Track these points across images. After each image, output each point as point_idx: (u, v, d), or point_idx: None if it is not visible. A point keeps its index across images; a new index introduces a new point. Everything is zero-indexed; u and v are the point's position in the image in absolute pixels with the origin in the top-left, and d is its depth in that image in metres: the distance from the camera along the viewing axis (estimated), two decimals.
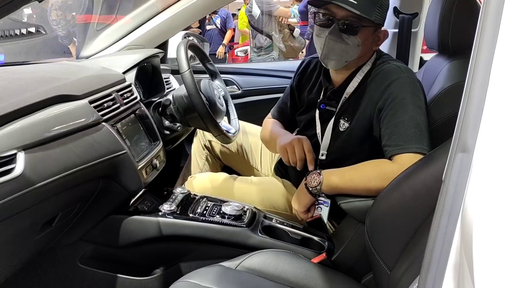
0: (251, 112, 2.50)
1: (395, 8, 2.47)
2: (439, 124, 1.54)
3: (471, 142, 0.61)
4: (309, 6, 5.68)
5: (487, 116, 0.61)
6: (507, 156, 0.60)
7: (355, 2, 1.39)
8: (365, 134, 1.50)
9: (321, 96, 1.62)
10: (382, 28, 1.53)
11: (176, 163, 2.44)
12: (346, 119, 1.52)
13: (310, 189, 1.44)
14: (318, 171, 1.44)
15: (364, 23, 1.44)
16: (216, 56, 6.81)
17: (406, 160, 1.31)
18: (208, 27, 7.24)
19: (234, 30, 7.37)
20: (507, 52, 0.62)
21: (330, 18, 1.46)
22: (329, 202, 1.47)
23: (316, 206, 1.50)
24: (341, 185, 1.41)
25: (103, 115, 1.34)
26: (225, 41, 7.02)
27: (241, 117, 2.14)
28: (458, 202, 0.62)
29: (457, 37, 1.58)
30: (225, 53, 7.12)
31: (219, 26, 7.03)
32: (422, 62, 2.53)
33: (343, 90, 1.54)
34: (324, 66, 1.58)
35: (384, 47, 2.55)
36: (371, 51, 1.55)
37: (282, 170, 1.84)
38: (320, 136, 1.60)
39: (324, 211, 1.50)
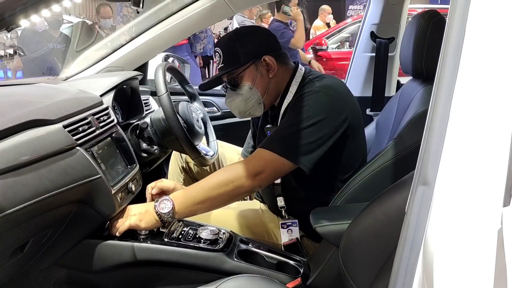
0: (231, 134, 2.51)
1: (372, 33, 2.52)
2: (413, 149, 1.56)
3: (432, 175, 0.62)
4: None
5: (447, 150, 0.63)
6: (467, 189, 0.61)
7: (223, 65, 1.61)
8: None
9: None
10: (265, 57, 1.58)
11: None
12: None
13: (162, 216, 1.44)
14: (167, 197, 1.46)
15: (238, 71, 1.59)
16: None
17: (258, 153, 1.44)
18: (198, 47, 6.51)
19: None
20: (466, 86, 0.64)
21: (223, 87, 1.71)
22: (297, 221, 1.49)
23: (287, 229, 1.51)
24: (188, 203, 1.46)
25: (77, 139, 1.33)
26: None
27: (220, 138, 2.15)
28: (419, 234, 0.63)
29: (431, 63, 1.61)
30: None
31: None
32: (399, 85, 2.58)
33: (278, 113, 1.62)
34: None
35: (362, 70, 2.61)
36: (272, 79, 1.61)
37: (261, 193, 1.84)
38: None
39: (295, 232, 1.51)
